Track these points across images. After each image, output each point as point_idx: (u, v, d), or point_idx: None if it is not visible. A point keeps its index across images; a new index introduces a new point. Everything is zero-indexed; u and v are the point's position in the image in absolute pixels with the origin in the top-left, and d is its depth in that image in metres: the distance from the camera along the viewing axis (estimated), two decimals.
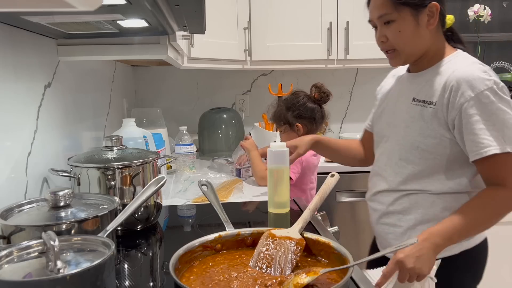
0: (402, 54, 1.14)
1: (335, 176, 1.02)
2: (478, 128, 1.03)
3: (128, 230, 1.14)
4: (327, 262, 0.84)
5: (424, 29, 1.11)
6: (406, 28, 1.10)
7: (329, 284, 0.75)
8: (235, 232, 0.89)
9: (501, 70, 2.82)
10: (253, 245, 0.88)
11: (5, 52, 0.99)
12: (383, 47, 1.16)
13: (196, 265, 0.82)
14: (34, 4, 0.44)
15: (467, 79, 1.04)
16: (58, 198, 0.86)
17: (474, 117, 1.03)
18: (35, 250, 0.69)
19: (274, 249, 0.82)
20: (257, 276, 0.76)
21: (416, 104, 1.14)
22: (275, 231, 0.87)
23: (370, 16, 1.16)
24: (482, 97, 1.02)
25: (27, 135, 1.09)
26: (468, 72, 1.05)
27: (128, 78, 2.54)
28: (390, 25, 1.11)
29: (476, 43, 2.96)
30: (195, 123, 2.48)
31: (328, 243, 0.84)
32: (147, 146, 1.58)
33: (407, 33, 1.10)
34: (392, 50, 1.14)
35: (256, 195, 1.58)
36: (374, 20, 1.15)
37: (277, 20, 2.35)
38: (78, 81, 1.50)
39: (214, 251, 0.86)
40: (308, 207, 0.96)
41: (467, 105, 1.03)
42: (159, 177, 0.96)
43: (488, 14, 2.79)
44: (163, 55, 1.29)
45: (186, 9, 0.95)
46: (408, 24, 1.10)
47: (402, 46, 1.12)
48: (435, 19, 1.11)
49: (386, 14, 1.10)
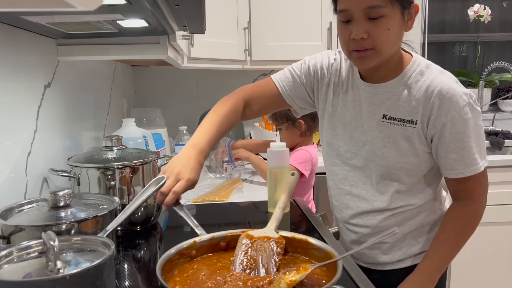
0: (379, 56, 0.98)
1: (295, 175, 1.02)
2: (461, 148, 1.00)
3: (128, 230, 1.14)
4: (306, 258, 0.83)
5: (403, 31, 1.00)
6: (394, 26, 0.96)
7: (317, 280, 0.74)
8: (209, 237, 0.85)
9: (501, 70, 2.82)
10: (227, 249, 0.86)
11: (5, 52, 0.99)
12: (360, 45, 0.97)
13: (176, 274, 0.77)
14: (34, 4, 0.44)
15: (448, 96, 0.98)
16: (58, 198, 0.86)
17: (455, 136, 0.99)
18: (35, 250, 0.69)
19: (255, 250, 0.80)
20: (245, 278, 0.75)
21: (389, 122, 1.05)
22: (252, 232, 0.85)
23: (346, 6, 0.97)
24: (463, 113, 0.98)
25: (27, 135, 1.09)
26: (447, 87, 0.99)
27: (128, 78, 2.54)
28: (377, 21, 0.94)
29: (476, 43, 2.96)
30: (195, 123, 2.47)
31: (306, 239, 0.83)
32: (147, 146, 1.58)
33: (394, 32, 0.97)
34: (369, 49, 0.97)
35: (256, 195, 1.58)
36: (355, 11, 0.95)
37: (277, 20, 2.35)
38: (78, 81, 1.50)
39: (189, 258, 0.82)
40: (278, 205, 0.92)
41: (449, 124, 0.99)
42: (159, 177, 0.96)
43: (488, 14, 2.79)
44: (163, 55, 1.29)
45: (186, 9, 0.95)
46: (396, 22, 0.96)
47: (384, 46, 0.97)
48: (412, 21, 1.00)
49: (379, 7, 0.93)
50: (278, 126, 1.82)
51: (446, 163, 1.03)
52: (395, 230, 0.77)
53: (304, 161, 1.72)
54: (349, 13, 0.97)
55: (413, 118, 1.03)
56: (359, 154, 1.11)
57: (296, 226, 1.22)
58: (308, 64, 1.19)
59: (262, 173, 1.77)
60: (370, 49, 0.97)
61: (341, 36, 1.02)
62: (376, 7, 0.94)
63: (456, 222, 1.08)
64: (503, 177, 2.19)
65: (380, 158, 1.07)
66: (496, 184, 2.19)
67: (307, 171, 1.71)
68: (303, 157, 1.73)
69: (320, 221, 1.22)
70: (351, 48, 0.99)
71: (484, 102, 2.85)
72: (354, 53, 0.99)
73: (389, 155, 1.06)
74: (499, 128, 2.84)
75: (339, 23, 1.02)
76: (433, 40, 2.98)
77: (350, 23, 0.98)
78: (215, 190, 1.62)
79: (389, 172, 1.08)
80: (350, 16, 0.97)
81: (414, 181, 1.09)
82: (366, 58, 0.99)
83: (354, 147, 1.12)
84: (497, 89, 3.04)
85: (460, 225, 1.08)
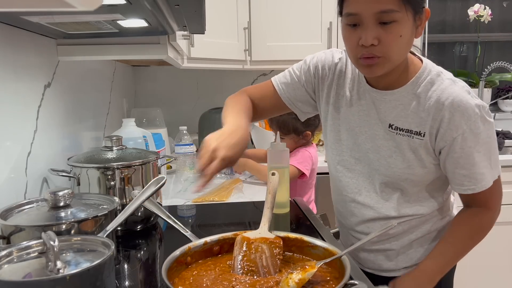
0: (389, 64, 0.93)
1: (276, 174, 0.94)
2: (470, 164, 0.96)
3: (128, 230, 1.14)
4: (302, 256, 0.84)
5: (413, 37, 0.94)
6: (406, 33, 0.90)
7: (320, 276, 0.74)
8: (202, 242, 0.84)
9: (501, 70, 2.82)
10: (220, 253, 0.85)
11: (5, 52, 0.99)
12: (369, 52, 0.91)
13: (177, 282, 0.75)
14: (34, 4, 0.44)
15: (460, 109, 0.93)
16: (58, 198, 0.86)
17: (465, 151, 0.95)
18: (35, 250, 0.69)
19: (254, 253, 0.80)
20: (251, 281, 0.75)
21: (395, 133, 1.01)
22: (247, 234, 0.84)
23: (358, 9, 0.89)
24: (474, 128, 0.93)
25: (27, 135, 1.09)
26: (458, 99, 0.94)
27: (128, 78, 2.54)
28: (389, 26, 0.88)
29: (476, 43, 2.96)
30: (195, 123, 2.48)
31: (301, 238, 0.84)
32: (147, 146, 1.58)
33: (405, 38, 0.90)
34: (378, 57, 0.91)
35: (256, 195, 1.58)
36: (366, 15, 0.88)
37: (277, 20, 2.35)
38: (78, 81, 1.50)
39: (185, 266, 0.80)
40: (266, 206, 0.89)
41: (459, 138, 0.94)
42: (159, 177, 0.96)
43: (488, 14, 2.79)
44: (163, 55, 1.29)
45: (186, 9, 0.95)
46: (409, 28, 0.90)
47: (396, 53, 0.91)
48: (423, 27, 0.95)
49: (392, 12, 0.87)
50: (282, 136, 1.75)
51: (454, 178, 1.00)
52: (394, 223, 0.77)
53: (304, 160, 1.73)
54: (358, 17, 0.90)
55: (421, 130, 0.98)
56: (363, 161, 1.08)
57: (296, 226, 1.22)
58: (308, 63, 1.14)
59: (260, 176, 1.76)
60: (379, 57, 0.91)
61: (348, 42, 0.94)
62: (389, 11, 0.87)
63: (467, 228, 1.05)
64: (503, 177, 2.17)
65: (385, 167, 1.04)
66: None
67: (307, 171, 1.72)
68: (303, 157, 1.74)
69: (320, 221, 1.22)
70: (359, 55, 0.92)
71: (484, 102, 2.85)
72: (361, 60, 0.93)
73: (395, 165, 1.02)
74: (499, 128, 2.83)
75: (345, 27, 0.94)
76: (433, 40, 2.98)
77: (358, 27, 0.91)
78: (215, 190, 1.62)
79: (394, 182, 1.04)
80: (359, 20, 0.90)
81: (420, 190, 1.06)
82: (375, 66, 0.92)
83: (358, 153, 1.08)
84: (497, 89, 3.04)
85: (470, 231, 1.05)
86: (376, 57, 0.91)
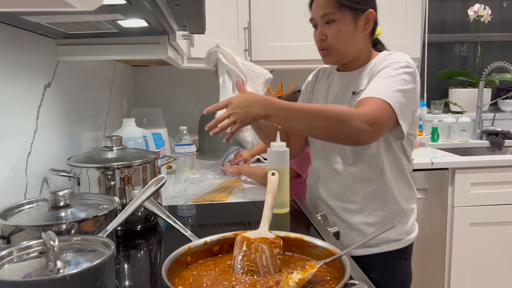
0: (337, 53, 1.24)
1: (276, 174, 0.98)
2: (381, 77, 1.17)
3: (128, 230, 1.14)
4: (302, 256, 0.84)
5: (360, 33, 1.23)
6: (345, 29, 1.21)
7: (320, 276, 0.74)
8: (202, 242, 0.84)
9: (501, 70, 2.82)
10: (220, 253, 0.85)
11: (5, 52, 0.99)
12: (321, 45, 1.26)
13: (177, 282, 0.75)
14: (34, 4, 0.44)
15: (392, 55, 1.23)
16: (58, 198, 0.86)
17: (381, 73, 1.18)
18: (35, 250, 0.69)
19: (254, 252, 0.80)
20: (251, 281, 0.75)
21: (357, 96, 1.21)
22: (247, 234, 0.84)
23: (312, 15, 1.26)
24: (393, 65, 1.17)
25: (27, 135, 1.09)
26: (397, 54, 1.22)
27: (128, 78, 2.54)
28: (331, 25, 1.22)
29: (476, 43, 2.96)
30: (195, 123, 2.48)
31: (301, 237, 0.84)
32: (147, 146, 1.58)
33: (345, 33, 1.22)
34: (326, 49, 1.25)
35: (256, 195, 1.58)
36: (317, 18, 1.24)
37: (277, 20, 2.35)
38: (78, 81, 1.51)
39: (185, 265, 0.80)
40: (266, 206, 0.91)
41: (383, 70, 1.19)
42: (159, 177, 0.96)
43: (488, 14, 2.79)
44: (163, 55, 1.29)
45: (186, 9, 0.95)
46: (347, 25, 1.21)
47: (339, 45, 1.23)
48: (370, 25, 1.24)
49: (330, 13, 1.21)
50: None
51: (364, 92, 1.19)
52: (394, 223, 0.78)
53: (301, 160, 1.72)
54: (314, 21, 1.27)
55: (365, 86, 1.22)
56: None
57: (296, 226, 1.22)
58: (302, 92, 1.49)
59: (257, 178, 1.76)
60: (327, 49, 1.25)
61: (314, 39, 1.29)
62: (328, 14, 1.21)
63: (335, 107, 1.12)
64: (503, 177, 2.19)
65: None
66: (496, 184, 2.19)
67: (303, 172, 1.71)
68: (300, 157, 1.73)
69: (320, 221, 1.22)
70: (318, 48, 1.28)
71: (484, 102, 2.85)
72: (320, 52, 1.28)
73: None
74: (499, 128, 2.84)
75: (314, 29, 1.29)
76: (433, 40, 2.98)
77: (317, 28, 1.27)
78: (215, 190, 1.62)
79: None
80: (315, 22, 1.26)
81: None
82: (327, 56, 1.27)
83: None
84: (497, 89, 3.04)
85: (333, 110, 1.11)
86: (325, 49, 1.26)
